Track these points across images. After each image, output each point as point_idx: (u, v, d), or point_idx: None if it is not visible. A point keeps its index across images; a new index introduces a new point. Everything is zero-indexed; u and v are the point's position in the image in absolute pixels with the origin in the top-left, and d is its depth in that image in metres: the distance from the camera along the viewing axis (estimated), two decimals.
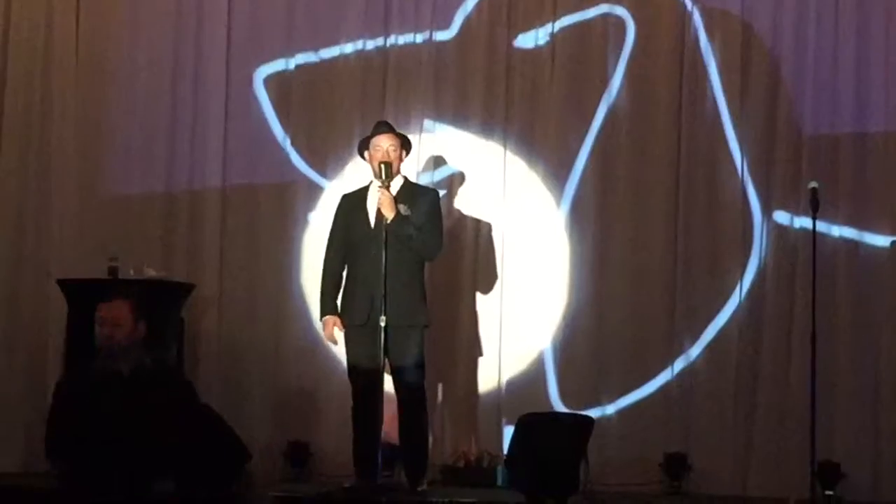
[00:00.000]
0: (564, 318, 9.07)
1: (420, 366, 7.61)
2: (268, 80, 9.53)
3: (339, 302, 7.75)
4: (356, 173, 8.58)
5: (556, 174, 9.13)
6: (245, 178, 9.51)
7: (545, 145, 9.17)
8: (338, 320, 7.69)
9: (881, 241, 8.66)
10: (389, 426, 7.82)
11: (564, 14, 9.20)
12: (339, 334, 7.72)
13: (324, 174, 9.38)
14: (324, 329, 7.78)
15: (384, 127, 7.86)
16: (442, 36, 9.33)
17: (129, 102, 9.63)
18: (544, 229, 9.13)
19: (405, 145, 7.83)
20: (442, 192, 8.64)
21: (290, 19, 9.50)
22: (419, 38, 9.32)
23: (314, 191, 9.39)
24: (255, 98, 9.52)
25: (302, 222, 9.38)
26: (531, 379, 9.05)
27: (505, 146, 9.20)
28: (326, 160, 9.38)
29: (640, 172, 9.05)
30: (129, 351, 6.39)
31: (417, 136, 9.05)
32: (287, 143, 9.46)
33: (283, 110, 9.50)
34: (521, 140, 9.21)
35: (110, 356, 6.27)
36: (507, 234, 9.15)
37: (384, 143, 7.71)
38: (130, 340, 6.47)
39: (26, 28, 9.69)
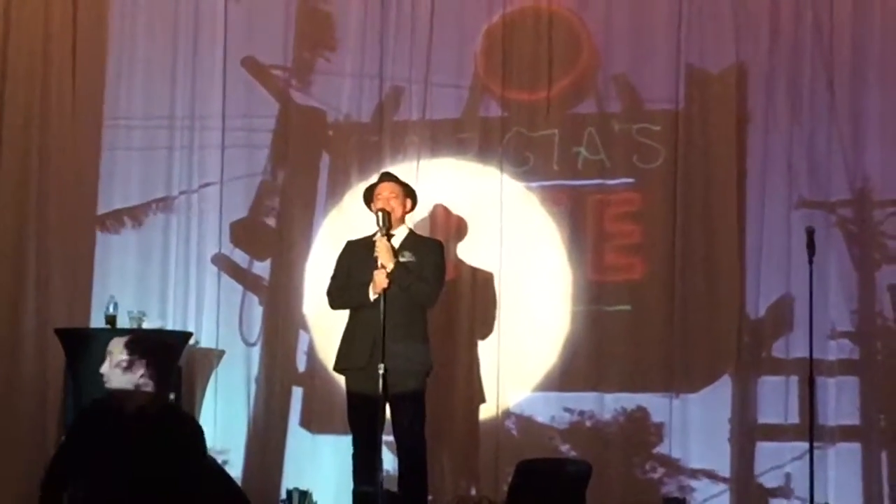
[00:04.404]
0: (562, 357, 9.07)
1: (420, 412, 7.59)
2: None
3: (338, 348, 7.71)
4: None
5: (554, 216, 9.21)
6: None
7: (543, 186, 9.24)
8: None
9: None
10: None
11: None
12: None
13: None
14: (375, 284, 7.46)
15: (386, 176, 7.91)
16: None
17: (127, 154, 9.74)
18: (541, 271, 9.17)
19: (410, 195, 7.85)
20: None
21: None
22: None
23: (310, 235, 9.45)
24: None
25: (299, 266, 9.42)
26: (530, 423, 9.05)
27: (501, 188, 9.25)
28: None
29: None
30: (133, 393, 6.20)
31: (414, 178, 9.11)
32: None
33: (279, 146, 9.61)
34: (517, 178, 9.25)
35: (115, 397, 6.14)
36: (505, 278, 9.16)
37: (383, 192, 7.74)
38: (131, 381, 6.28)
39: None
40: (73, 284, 9.61)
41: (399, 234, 7.72)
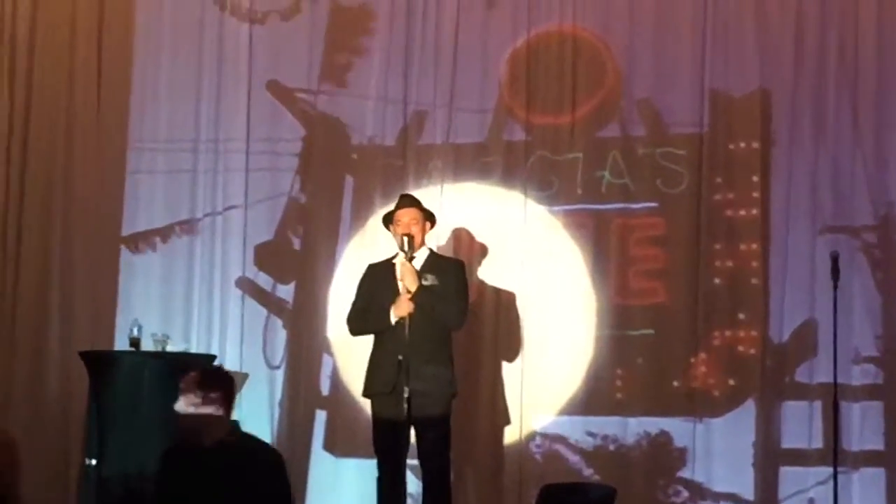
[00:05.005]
0: (585, 381, 9.07)
1: (445, 436, 7.61)
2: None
3: (366, 373, 7.75)
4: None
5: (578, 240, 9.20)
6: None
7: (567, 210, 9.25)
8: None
9: None
10: None
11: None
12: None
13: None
14: (398, 308, 7.55)
15: (406, 200, 7.93)
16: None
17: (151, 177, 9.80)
18: (565, 295, 9.16)
19: (429, 218, 7.89)
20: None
21: None
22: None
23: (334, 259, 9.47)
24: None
25: (323, 290, 9.44)
26: (554, 446, 9.05)
27: (525, 212, 9.26)
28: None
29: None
30: (208, 424, 6.13)
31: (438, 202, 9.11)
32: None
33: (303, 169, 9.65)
34: (540, 202, 9.26)
35: (188, 430, 6.11)
36: (528, 301, 9.16)
37: (404, 218, 7.78)
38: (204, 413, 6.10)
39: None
40: (97, 307, 9.65)
41: (420, 256, 7.76)
